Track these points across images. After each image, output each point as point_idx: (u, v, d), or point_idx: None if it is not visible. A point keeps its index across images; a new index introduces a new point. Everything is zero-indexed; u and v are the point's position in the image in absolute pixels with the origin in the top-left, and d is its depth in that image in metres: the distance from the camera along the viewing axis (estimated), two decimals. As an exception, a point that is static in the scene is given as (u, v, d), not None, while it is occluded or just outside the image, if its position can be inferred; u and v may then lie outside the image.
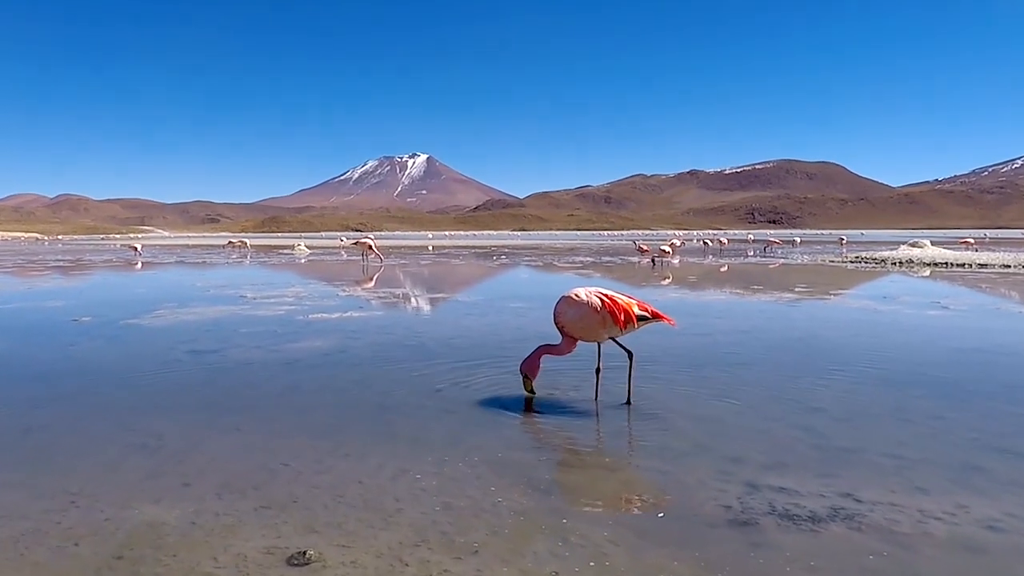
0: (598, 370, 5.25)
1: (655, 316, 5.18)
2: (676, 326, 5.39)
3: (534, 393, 5.05)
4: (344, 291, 14.97)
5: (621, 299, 5.07)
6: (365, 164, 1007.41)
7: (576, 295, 5.01)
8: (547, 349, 5.09)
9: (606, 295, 5.05)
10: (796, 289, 14.85)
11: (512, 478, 3.77)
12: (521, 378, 5.12)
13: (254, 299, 12.65)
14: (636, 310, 5.09)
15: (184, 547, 2.99)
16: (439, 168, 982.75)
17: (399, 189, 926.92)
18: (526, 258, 32.13)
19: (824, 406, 5.19)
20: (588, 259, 30.39)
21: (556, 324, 5.04)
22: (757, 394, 5.51)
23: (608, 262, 27.85)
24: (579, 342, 5.14)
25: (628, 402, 5.12)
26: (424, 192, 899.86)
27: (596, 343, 5.21)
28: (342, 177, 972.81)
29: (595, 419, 4.81)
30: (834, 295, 14.15)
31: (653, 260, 25.84)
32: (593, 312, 4.94)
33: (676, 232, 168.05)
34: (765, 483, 3.67)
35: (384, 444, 4.26)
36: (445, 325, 9.48)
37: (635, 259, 29.73)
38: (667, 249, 25.99)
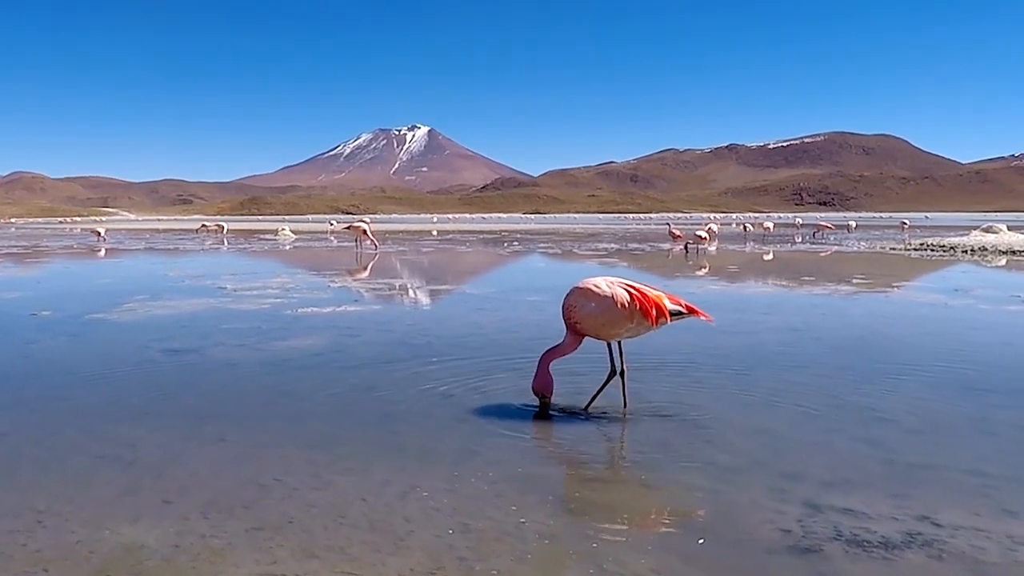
0: (622, 372, 5.19)
1: (689, 311, 5.17)
2: (713, 322, 5.35)
3: (549, 416, 4.99)
4: (336, 282, 15.00)
5: (650, 291, 5.04)
6: (358, 138, 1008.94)
7: (596, 286, 4.97)
8: (552, 355, 5.03)
9: (632, 286, 5.02)
10: (853, 281, 14.76)
11: (537, 496, 3.76)
12: (538, 401, 5.03)
13: (235, 291, 12.70)
14: (667, 303, 5.04)
15: (167, 573, 2.99)
16: (442, 142, 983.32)
17: (396, 166, 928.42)
18: (541, 245, 32.12)
19: (892, 415, 5.15)
20: (612, 246, 30.35)
21: (567, 319, 5.00)
22: (814, 401, 5.48)
23: (635, 250, 27.80)
24: (585, 339, 5.09)
25: (586, 408, 5.16)
26: (425, 170, 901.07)
27: (609, 342, 5.17)
28: (332, 153, 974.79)
29: (629, 429, 4.79)
30: (897, 287, 14.06)
31: (687, 247, 25.76)
32: (618, 306, 4.91)
33: (712, 215, 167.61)
34: (828, 504, 3.64)
35: (389, 457, 4.26)
36: (453, 321, 9.47)
37: (666, 246, 29.67)
38: (703, 235, 25.91)
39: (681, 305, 5.15)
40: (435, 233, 49.84)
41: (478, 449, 4.52)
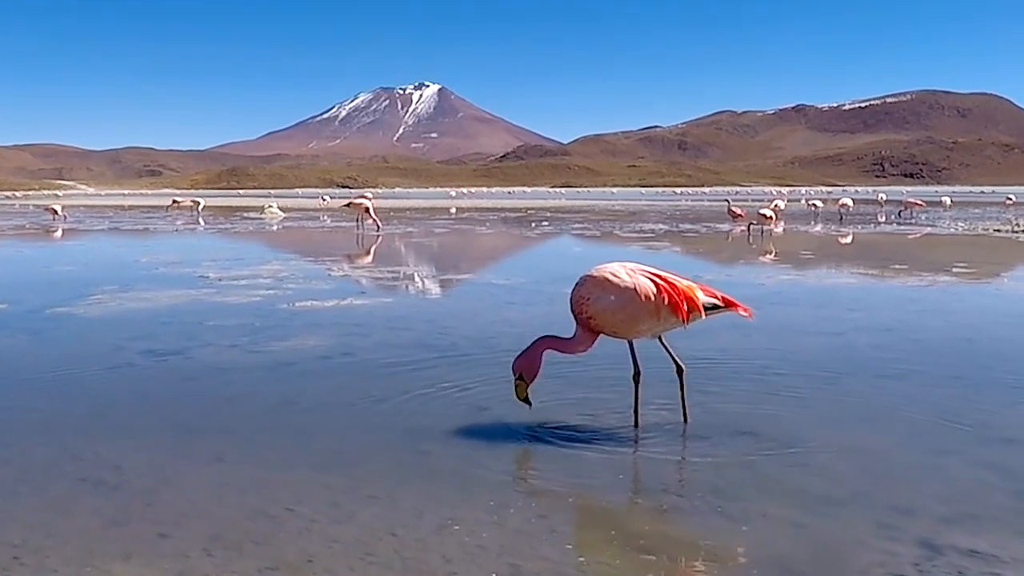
0: (680, 371, 5.19)
1: (726, 303, 5.15)
2: (752, 317, 5.31)
3: (530, 403, 4.96)
4: (337, 270, 15.07)
5: (680, 280, 5.03)
6: (356, 98, 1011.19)
7: (613, 274, 4.92)
8: (552, 343, 5.02)
9: (658, 275, 5.00)
10: (953, 270, 14.61)
11: (598, 531, 3.74)
12: (513, 381, 4.98)
13: (219, 280, 12.79)
14: (700, 295, 5.02)
15: (168, 621, 3.00)
16: (454, 103, 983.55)
17: (401, 131, 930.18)
18: (576, 225, 32.10)
19: (1015, 434, 5.09)
20: (660, 227, 30.27)
21: (579, 313, 4.95)
22: (920, 417, 5.42)
23: (688, 231, 27.71)
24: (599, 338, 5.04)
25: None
26: (434, 135, 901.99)
27: (629, 340, 5.14)
28: (325, 116, 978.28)
29: (700, 447, 4.76)
30: (1007, 278, 13.92)
31: (749, 228, 25.61)
32: (642, 299, 4.88)
33: (778, 190, 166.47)
34: (949, 543, 3.59)
35: (419, 482, 4.25)
36: (480, 318, 9.48)
37: (725, 227, 29.55)
38: (768, 214, 25.78)
39: (716, 297, 5.13)
40: (454, 211, 49.89)
41: (524, 474, 4.52)
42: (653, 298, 4.91)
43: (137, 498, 4.05)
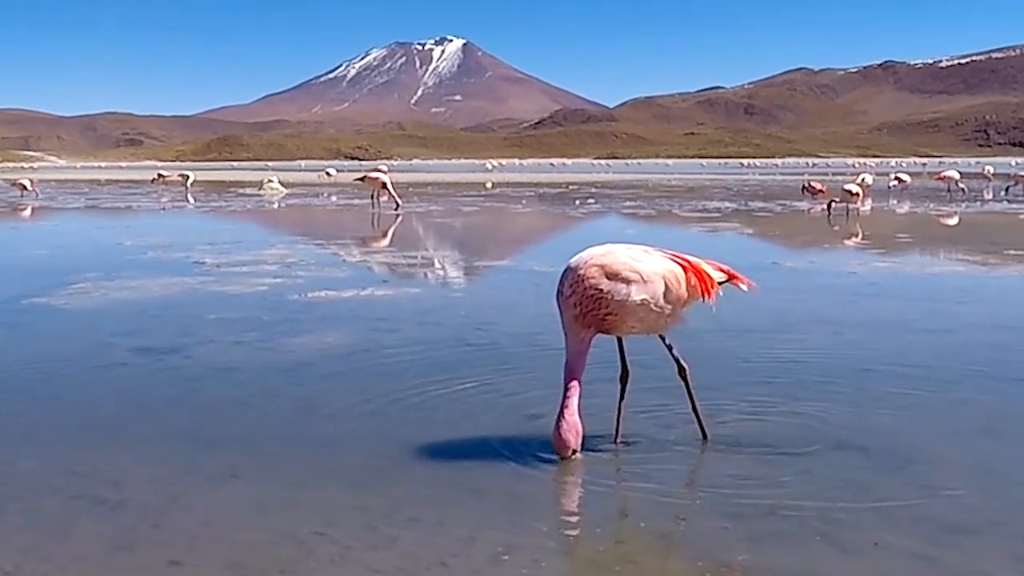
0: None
1: (730, 277, 5.13)
2: (756, 289, 5.23)
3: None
4: (353, 254, 15.15)
5: (690, 257, 5.00)
6: (367, 55, 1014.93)
7: (632, 259, 4.77)
8: (572, 381, 4.79)
9: (674, 255, 4.94)
10: (1081, 256, 14.41)
11: (683, 561, 3.71)
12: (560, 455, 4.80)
13: (218, 267, 12.88)
14: (709, 270, 5.01)
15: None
16: (481, 61, 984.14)
17: (419, 93, 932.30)
18: (626, 203, 32.03)
19: None
20: (725, 205, 30.13)
21: (589, 311, 4.72)
22: (1058, 431, 5.35)
23: (759, 210, 27.57)
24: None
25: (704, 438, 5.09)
26: (458, 98, 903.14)
27: (620, 337, 5.07)
28: (331, 76, 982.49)
29: (795, 464, 4.70)
30: None
31: (831, 207, 25.39)
32: (675, 283, 4.81)
33: (863, 161, 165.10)
34: (1103, 581, 3.53)
35: (467, 503, 4.24)
36: (524, 311, 9.47)
37: (802, 205, 29.33)
38: (855, 190, 25.54)
39: (722, 270, 5.10)
40: (490, 186, 49.91)
41: (586, 493, 4.48)
42: (682, 281, 4.85)
43: (143, 519, 4.06)
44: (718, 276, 5.05)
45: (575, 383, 4.79)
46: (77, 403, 5.98)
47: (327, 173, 57.01)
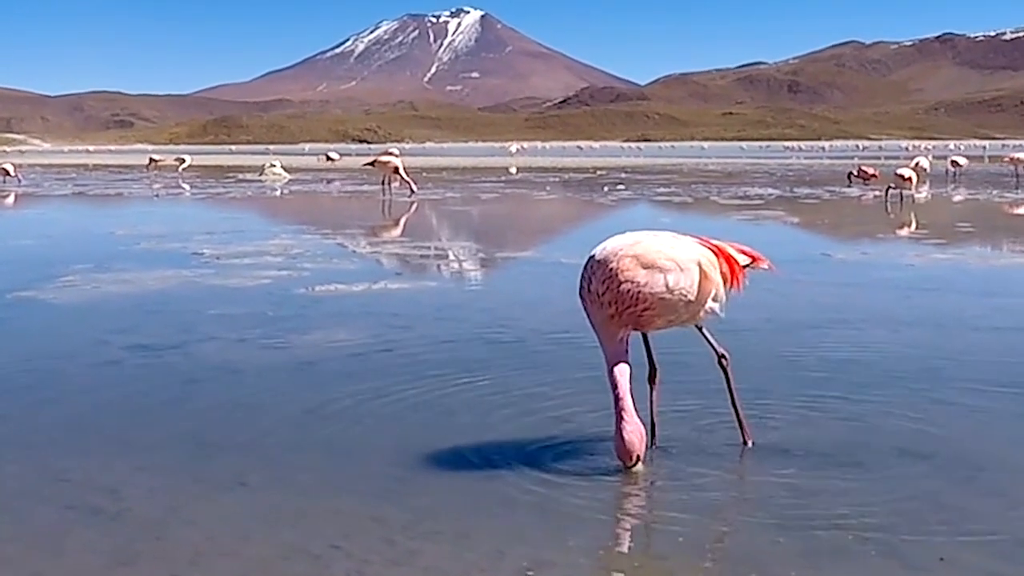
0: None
1: (752, 259, 5.11)
2: (776, 271, 5.21)
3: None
4: (363, 245, 15.18)
5: (718, 242, 4.99)
6: (376, 28, 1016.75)
7: (666, 246, 4.75)
8: (622, 389, 4.70)
9: (702, 240, 4.92)
10: None
11: (739, 578, 3.70)
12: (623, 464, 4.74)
13: (217, 258, 12.93)
14: (733, 253, 5.00)
15: None
16: (501, 34, 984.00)
17: (433, 70, 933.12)
18: (659, 190, 31.99)
19: None
20: (768, 191, 30.05)
21: (625, 307, 4.69)
22: None
23: (805, 197, 27.48)
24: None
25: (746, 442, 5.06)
26: (475, 75, 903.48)
27: (645, 332, 5.03)
28: (337, 51, 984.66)
29: (852, 473, 4.67)
30: None
31: (887, 193, 25.26)
32: (711, 270, 4.79)
33: (918, 143, 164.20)
34: None
35: (492, 514, 4.23)
36: (550, 306, 9.45)
37: (853, 192, 29.21)
38: (907, 174, 25.39)
39: (745, 253, 5.08)
40: (514, 171, 49.89)
41: (623, 503, 4.47)
42: (716, 267, 4.84)
43: (143, 531, 4.07)
44: (743, 260, 5.03)
45: (624, 384, 4.70)
46: (69, 405, 5.99)
47: (328, 157, 56.84)
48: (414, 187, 26.95)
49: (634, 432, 4.62)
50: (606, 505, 4.45)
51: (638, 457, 4.65)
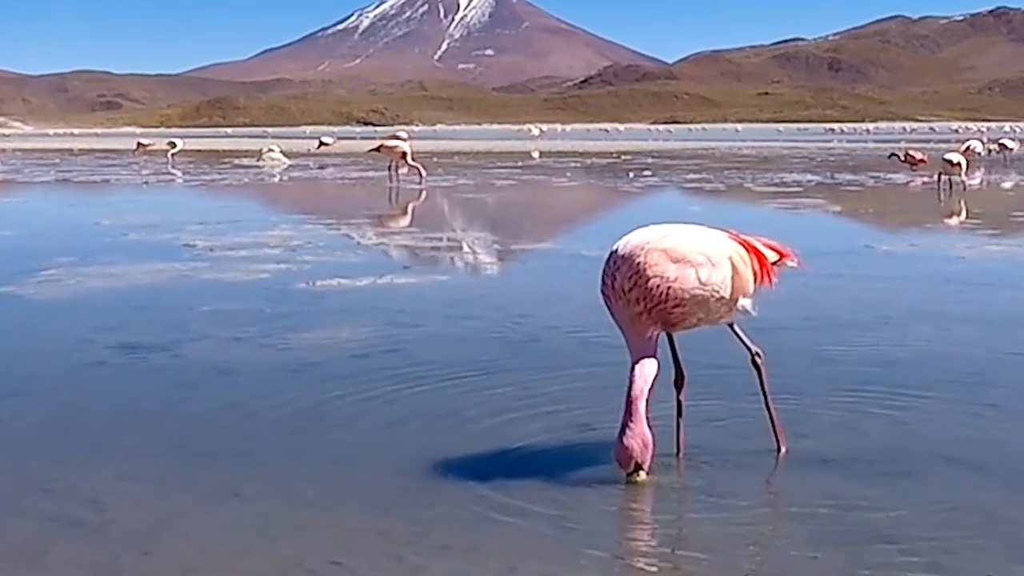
0: (679, 383, 5.02)
1: (780, 255, 5.10)
2: (804, 267, 5.19)
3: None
4: (368, 236, 15.20)
5: (745, 236, 4.97)
6: (382, 2, 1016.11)
7: (694, 247, 4.68)
8: (638, 389, 4.64)
9: (736, 236, 4.90)
10: None
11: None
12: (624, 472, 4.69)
13: (211, 251, 12.96)
14: (762, 249, 4.98)
15: None
16: (517, 9, 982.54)
17: (444, 48, 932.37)
18: (689, 176, 31.93)
19: None
20: (807, 177, 29.98)
21: (654, 304, 4.61)
22: None
23: (848, 184, 27.41)
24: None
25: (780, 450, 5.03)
26: (489, 53, 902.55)
27: (671, 333, 5.00)
28: (340, 28, 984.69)
29: (900, 485, 4.63)
30: None
31: (939, 180, 25.16)
32: (743, 265, 4.77)
33: (970, 125, 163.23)
34: None
35: (505, 527, 4.21)
36: (570, 303, 9.45)
37: (899, 178, 29.11)
38: (956, 159, 25.25)
39: (773, 249, 5.05)
40: (536, 155, 49.86)
41: (648, 519, 4.46)
42: (747, 262, 4.82)
43: (128, 545, 4.06)
44: (771, 256, 5.01)
45: (641, 384, 4.64)
46: (49, 409, 6.01)
47: (321, 142, 56.17)
48: (423, 172, 26.92)
49: (637, 437, 4.56)
50: (627, 518, 4.45)
51: (638, 465, 4.59)
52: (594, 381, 6.34)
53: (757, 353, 5.03)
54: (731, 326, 5.03)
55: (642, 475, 4.62)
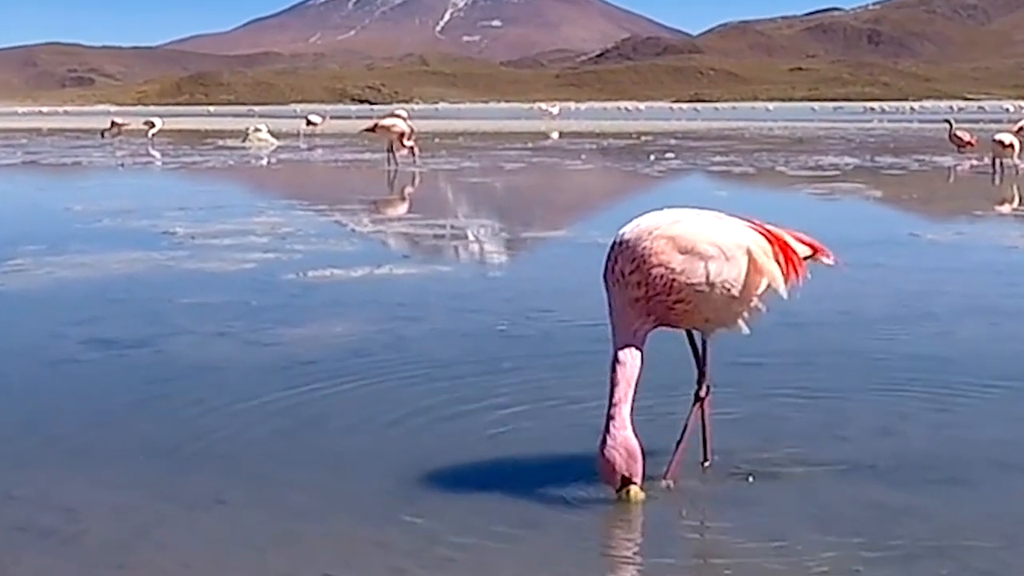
0: (703, 393, 4.90)
1: (813, 250, 4.99)
2: (839, 263, 5.12)
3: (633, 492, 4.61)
4: (363, 223, 15.21)
5: (772, 227, 4.85)
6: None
7: (706, 237, 4.58)
8: (622, 391, 4.55)
9: (753, 223, 4.81)
10: None
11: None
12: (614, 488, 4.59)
13: (192, 238, 12.97)
14: (792, 242, 4.86)
15: None
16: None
17: (446, 18, 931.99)
18: (715, 159, 31.91)
19: None
20: (845, 161, 29.95)
21: (655, 295, 4.54)
22: None
23: (889, 167, 27.38)
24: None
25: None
26: (496, 24, 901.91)
27: (704, 336, 4.94)
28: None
29: (944, 492, 4.65)
30: None
31: (995, 164, 25.11)
32: (763, 258, 4.67)
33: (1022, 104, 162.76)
34: None
35: (514, 538, 4.21)
36: (585, 296, 9.30)
37: (946, 161, 29.07)
38: (1008, 140, 25.19)
39: (805, 243, 4.95)
40: (556, 136, 49.82)
41: (670, 531, 4.45)
42: (769, 256, 4.71)
43: (104, 556, 4.07)
44: (802, 250, 4.90)
45: (624, 387, 4.54)
46: (17, 409, 6.03)
47: (308, 121, 55.90)
48: (418, 155, 26.91)
49: (619, 447, 4.44)
50: (648, 529, 4.42)
51: (625, 479, 4.47)
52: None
53: (709, 387, 4.89)
54: (704, 340, 4.91)
55: (634, 490, 4.48)
